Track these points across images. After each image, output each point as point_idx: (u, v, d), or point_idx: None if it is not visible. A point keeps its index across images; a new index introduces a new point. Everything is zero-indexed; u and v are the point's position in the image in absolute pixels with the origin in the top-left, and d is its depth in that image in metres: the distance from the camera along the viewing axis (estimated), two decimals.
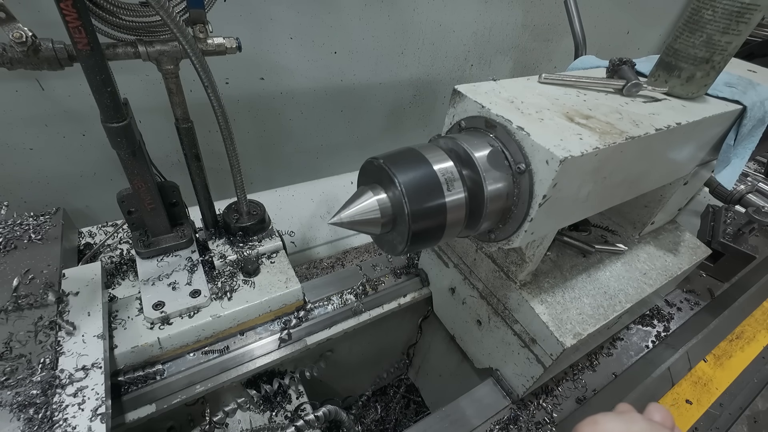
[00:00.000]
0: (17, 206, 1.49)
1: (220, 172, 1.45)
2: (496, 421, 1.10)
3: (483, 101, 0.78)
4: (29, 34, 0.69)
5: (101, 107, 0.79)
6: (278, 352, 1.09)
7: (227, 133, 0.96)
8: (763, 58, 2.23)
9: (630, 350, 1.32)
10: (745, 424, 1.18)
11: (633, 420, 0.44)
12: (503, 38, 2.20)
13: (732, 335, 1.42)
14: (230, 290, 1.07)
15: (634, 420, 0.44)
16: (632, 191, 0.94)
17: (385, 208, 0.68)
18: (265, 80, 1.67)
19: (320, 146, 2.05)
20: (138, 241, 1.09)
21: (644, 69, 1.00)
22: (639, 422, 0.44)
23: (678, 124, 0.81)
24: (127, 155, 0.89)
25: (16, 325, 0.87)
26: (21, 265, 0.99)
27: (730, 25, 0.79)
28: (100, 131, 0.83)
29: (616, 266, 1.13)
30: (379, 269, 1.35)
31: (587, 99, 0.87)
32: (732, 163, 0.98)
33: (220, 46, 0.86)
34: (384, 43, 1.85)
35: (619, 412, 0.46)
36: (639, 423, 0.44)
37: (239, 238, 1.17)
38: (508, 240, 0.79)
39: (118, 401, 0.92)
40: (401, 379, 1.93)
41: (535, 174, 0.70)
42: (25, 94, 1.31)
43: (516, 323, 1.02)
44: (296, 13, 1.56)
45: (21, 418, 0.74)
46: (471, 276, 1.13)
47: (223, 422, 1.09)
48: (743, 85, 0.98)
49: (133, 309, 1.01)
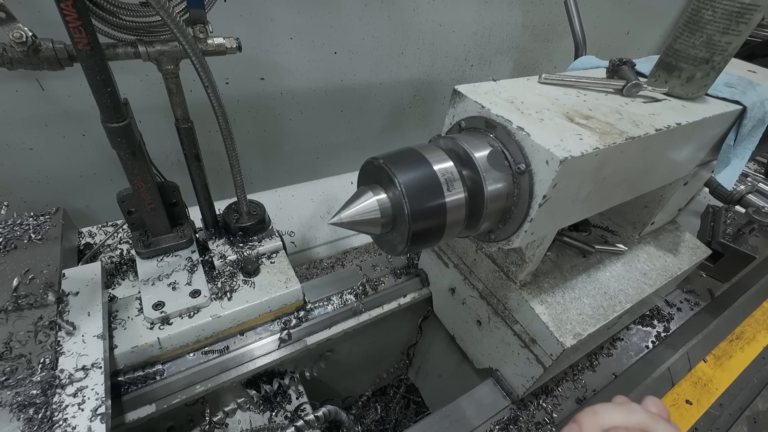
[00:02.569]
0: (17, 206, 1.49)
1: (220, 172, 1.45)
2: (496, 422, 1.10)
3: (483, 101, 0.78)
4: (29, 34, 0.69)
5: (101, 107, 0.79)
6: (278, 352, 1.09)
7: (227, 133, 0.96)
8: (763, 58, 2.23)
9: (630, 350, 1.32)
10: (745, 424, 1.18)
11: (632, 410, 0.44)
12: (503, 38, 2.20)
13: (732, 335, 1.42)
14: (230, 290, 1.07)
15: (633, 410, 0.45)
16: (632, 191, 0.94)
17: (385, 209, 0.68)
18: (265, 80, 1.67)
19: (320, 146, 2.05)
20: (138, 241, 1.09)
21: (644, 69, 1.00)
22: (638, 412, 0.44)
23: (678, 125, 0.81)
24: (127, 155, 0.89)
25: (16, 325, 0.87)
26: (21, 265, 0.99)
27: (730, 25, 0.79)
28: (100, 131, 0.83)
29: (616, 266, 1.13)
30: (379, 269, 1.35)
31: (587, 99, 0.87)
32: (732, 164, 0.98)
33: (220, 46, 0.86)
34: (384, 43, 1.85)
35: (617, 403, 0.46)
36: (638, 413, 0.44)
37: (239, 238, 1.17)
38: (508, 240, 0.79)
39: (118, 401, 0.92)
40: (401, 379, 1.93)
41: (535, 174, 0.70)
42: (25, 94, 1.31)
43: (516, 323, 1.02)
44: (296, 13, 1.56)
45: (21, 418, 0.74)
46: (471, 276, 1.13)
47: (223, 422, 1.09)
48: (743, 86, 0.98)
49: (133, 309, 1.01)
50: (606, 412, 0.44)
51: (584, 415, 0.45)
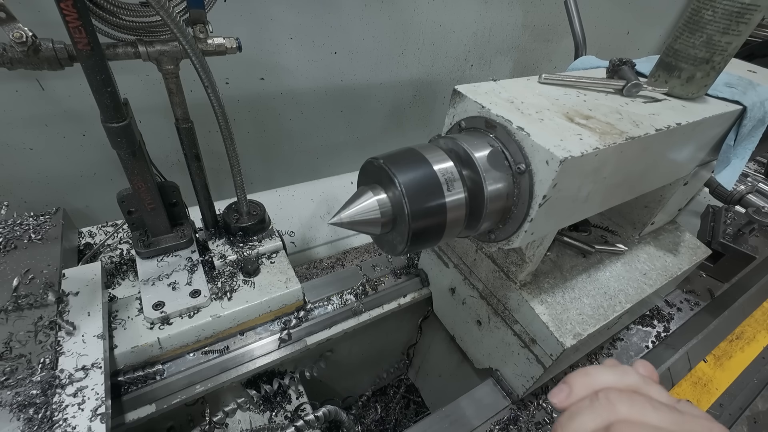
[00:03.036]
0: (17, 206, 1.49)
1: (220, 172, 1.46)
2: (496, 422, 1.10)
3: (483, 101, 0.78)
4: (29, 34, 0.69)
5: (101, 107, 0.79)
6: (278, 352, 1.09)
7: (227, 133, 0.96)
8: (763, 58, 2.23)
9: (630, 350, 1.32)
10: (745, 424, 1.18)
11: (624, 372, 0.45)
12: (503, 38, 2.20)
13: (732, 336, 1.42)
14: (230, 290, 1.07)
15: (624, 372, 0.45)
16: (632, 191, 0.94)
17: (385, 209, 0.68)
18: (265, 80, 1.67)
19: (320, 146, 2.05)
20: (138, 241, 1.09)
21: (644, 69, 1.00)
22: (629, 374, 0.44)
23: (678, 125, 0.81)
24: (127, 155, 0.89)
25: (16, 325, 0.87)
26: (21, 265, 0.99)
27: (730, 25, 0.79)
28: (100, 131, 0.83)
29: (616, 266, 1.13)
30: (379, 269, 1.35)
31: (587, 99, 0.87)
32: (732, 164, 0.98)
33: (220, 46, 0.86)
34: (384, 43, 1.85)
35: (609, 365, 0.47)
36: (629, 375, 0.44)
37: (239, 238, 1.17)
38: (508, 240, 0.79)
39: (118, 401, 0.92)
40: (401, 379, 1.93)
41: (535, 174, 0.70)
42: (25, 94, 1.31)
43: (516, 323, 1.02)
44: (296, 13, 1.56)
45: (21, 418, 0.74)
46: (471, 276, 1.13)
47: (223, 422, 1.09)
48: (743, 86, 0.98)
49: (133, 309, 1.01)
50: (597, 373, 0.44)
51: (575, 376, 0.45)
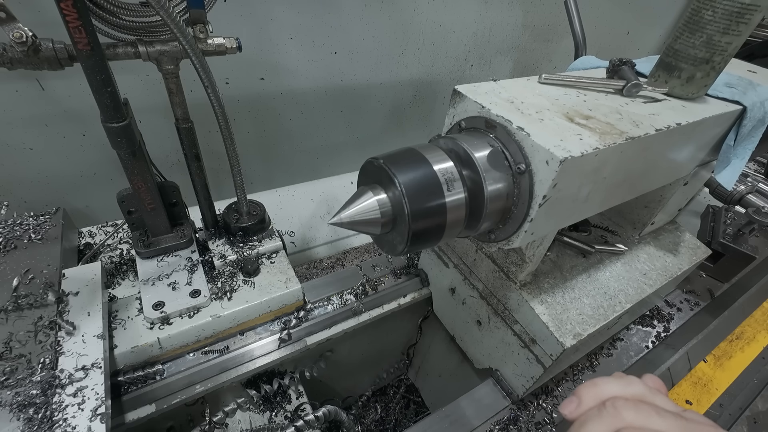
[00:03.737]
0: (17, 206, 1.49)
1: (220, 172, 1.46)
2: (496, 422, 1.10)
3: (483, 101, 0.78)
4: (29, 34, 0.69)
5: (101, 107, 0.79)
6: (278, 352, 1.09)
7: (227, 133, 0.96)
8: (763, 58, 2.23)
9: (630, 351, 1.32)
10: (745, 424, 1.18)
11: (630, 382, 0.46)
12: (503, 39, 2.20)
13: (732, 336, 1.42)
14: (230, 290, 1.07)
15: (631, 382, 0.46)
16: (632, 192, 0.94)
17: (385, 209, 0.68)
18: (265, 80, 1.67)
19: (320, 146, 2.05)
20: (138, 241, 1.09)
21: (644, 69, 1.00)
22: (636, 384, 0.46)
23: (678, 125, 0.81)
24: (127, 155, 0.89)
25: (16, 325, 0.87)
26: (21, 265, 0.99)
27: (730, 25, 0.79)
28: (100, 131, 0.83)
29: (616, 266, 1.13)
30: (379, 269, 1.35)
31: (587, 99, 0.87)
32: (732, 164, 0.98)
33: (220, 46, 0.86)
34: (384, 43, 1.85)
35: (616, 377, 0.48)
36: (636, 385, 0.46)
37: (239, 238, 1.17)
38: (508, 240, 0.79)
39: (118, 401, 0.92)
40: (401, 379, 1.93)
41: (535, 174, 0.70)
42: (25, 94, 1.31)
43: (516, 323, 1.02)
44: (296, 13, 1.56)
45: (21, 418, 0.74)
46: (471, 276, 1.13)
47: (223, 422, 1.09)
48: (743, 86, 0.98)
49: (133, 309, 1.01)
50: (605, 384, 0.46)
51: (584, 387, 0.47)
